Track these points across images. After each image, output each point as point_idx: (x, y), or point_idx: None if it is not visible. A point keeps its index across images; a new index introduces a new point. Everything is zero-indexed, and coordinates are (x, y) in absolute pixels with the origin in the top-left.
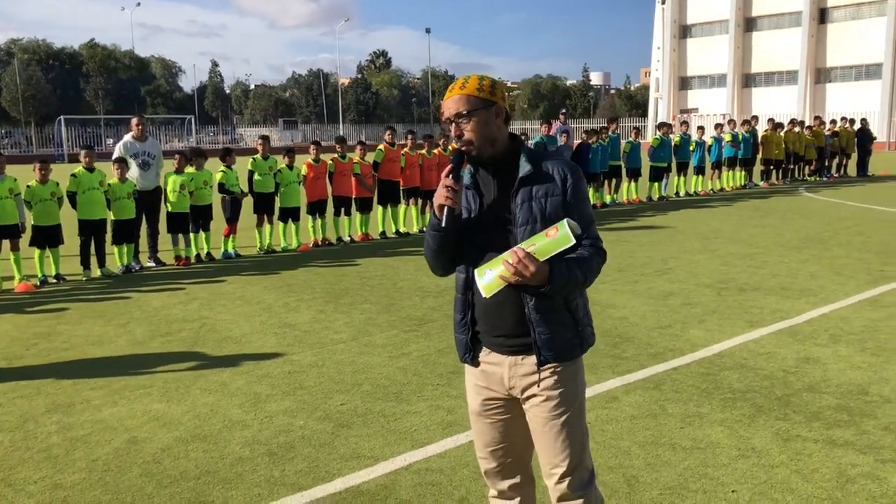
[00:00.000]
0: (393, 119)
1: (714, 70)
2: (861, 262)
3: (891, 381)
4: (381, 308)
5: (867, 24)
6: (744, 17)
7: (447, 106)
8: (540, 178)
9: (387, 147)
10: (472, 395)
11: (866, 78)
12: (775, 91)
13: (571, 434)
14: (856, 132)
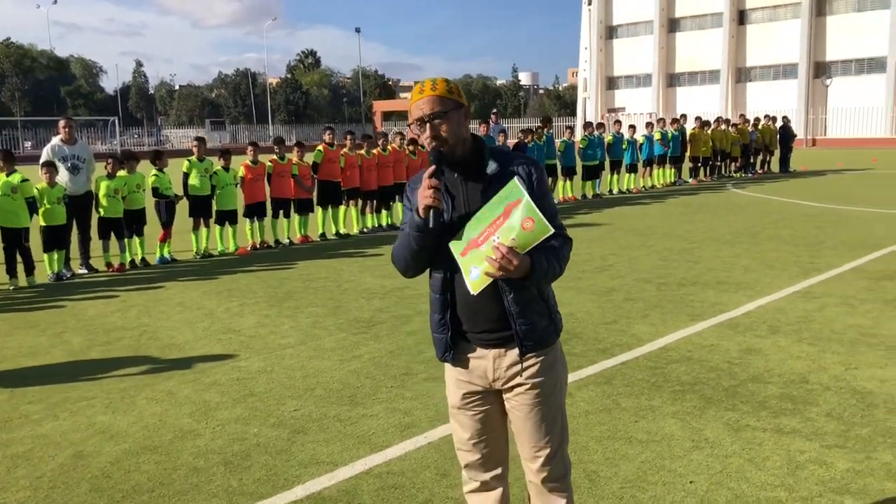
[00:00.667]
0: (324, 119)
1: (640, 70)
2: (791, 255)
3: (829, 370)
4: (328, 311)
5: (783, 26)
6: (667, 17)
7: (421, 107)
8: (507, 176)
9: (326, 148)
10: (453, 389)
11: (784, 77)
12: (699, 90)
13: (554, 419)
14: (778, 130)
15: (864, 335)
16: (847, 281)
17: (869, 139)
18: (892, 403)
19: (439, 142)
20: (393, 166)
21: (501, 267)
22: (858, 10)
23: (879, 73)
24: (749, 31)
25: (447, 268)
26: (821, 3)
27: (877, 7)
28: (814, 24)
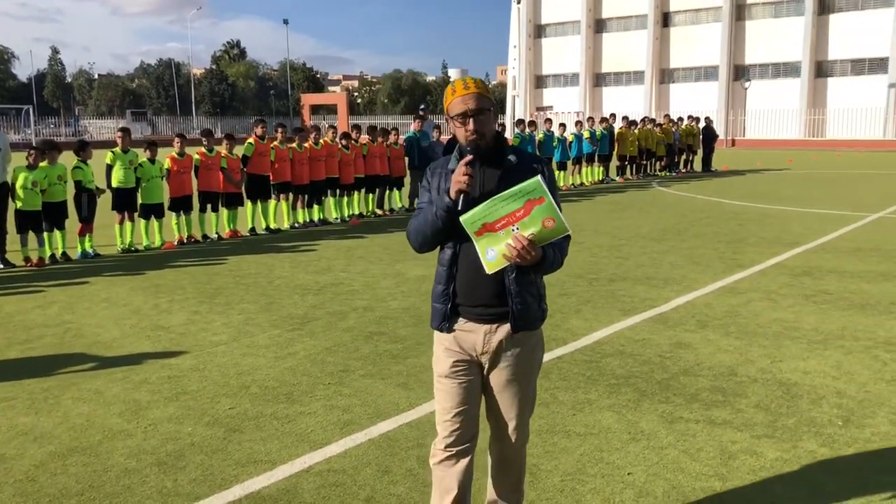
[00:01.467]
0: (250, 111)
1: (567, 69)
2: (715, 252)
3: (755, 363)
4: (260, 307)
5: (705, 29)
6: (594, 18)
7: (466, 102)
8: (522, 168)
9: (257, 140)
10: (443, 358)
11: (705, 79)
12: (624, 90)
13: (528, 394)
14: (701, 130)
15: (787, 329)
16: (769, 276)
17: (785, 140)
18: (814, 394)
19: (479, 135)
20: (325, 161)
21: (520, 255)
22: (775, 16)
23: (794, 77)
24: (672, 33)
25: (456, 244)
26: (740, 8)
27: (792, 14)
28: (734, 29)
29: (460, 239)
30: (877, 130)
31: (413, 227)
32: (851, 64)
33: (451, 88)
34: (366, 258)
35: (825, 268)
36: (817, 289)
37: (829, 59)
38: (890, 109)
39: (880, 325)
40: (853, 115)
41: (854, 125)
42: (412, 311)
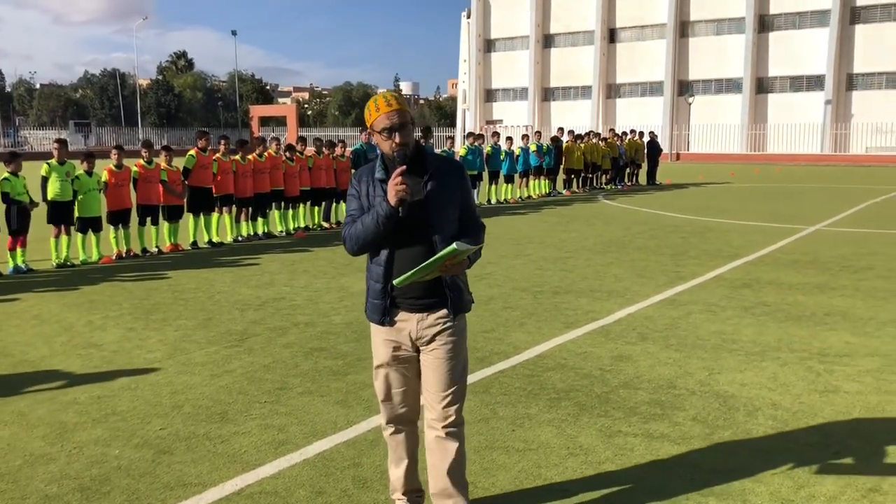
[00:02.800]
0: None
1: (517, 83)
2: (658, 264)
3: (694, 375)
4: (198, 323)
5: (650, 46)
6: (542, 33)
7: (391, 118)
8: (443, 173)
9: (198, 153)
10: (382, 349)
11: (651, 94)
12: (572, 104)
13: (459, 375)
14: (646, 144)
15: (725, 341)
16: (709, 289)
17: (727, 154)
18: (750, 406)
19: (404, 147)
20: (269, 173)
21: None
22: (717, 34)
23: (736, 93)
24: (619, 49)
25: (391, 247)
26: (684, 25)
27: (733, 31)
28: (678, 45)
29: (395, 240)
30: (814, 145)
31: (350, 233)
32: (790, 81)
33: (374, 105)
34: (310, 272)
35: (764, 280)
36: (756, 301)
37: (769, 76)
38: (827, 125)
39: (815, 336)
40: (792, 131)
41: (793, 140)
42: (355, 326)
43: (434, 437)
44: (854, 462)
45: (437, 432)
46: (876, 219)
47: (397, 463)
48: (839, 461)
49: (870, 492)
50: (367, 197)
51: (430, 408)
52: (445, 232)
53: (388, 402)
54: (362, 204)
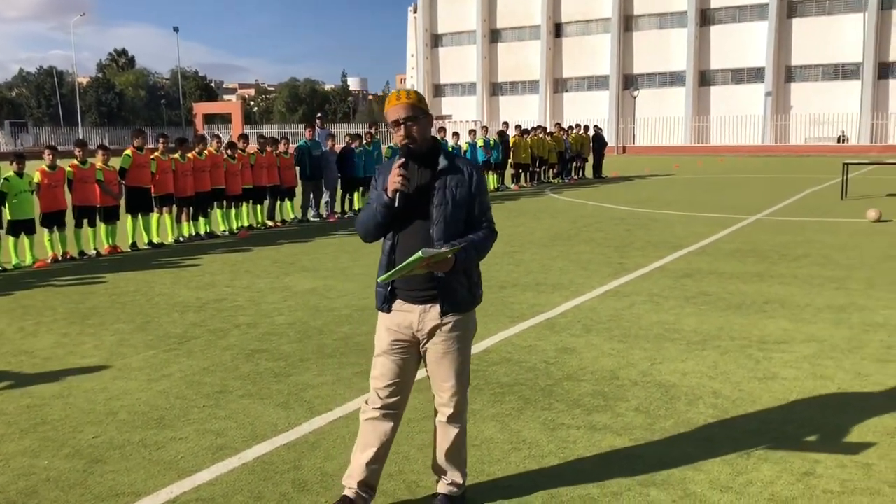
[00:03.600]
0: (140, 121)
1: (465, 78)
2: (603, 257)
3: (636, 365)
4: (136, 327)
5: (595, 40)
6: (489, 28)
7: (398, 111)
8: (453, 171)
9: (134, 152)
10: (384, 336)
11: (597, 88)
12: (520, 99)
13: (461, 365)
14: (591, 138)
15: (667, 331)
16: (652, 279)
17: (672, 147)
18: (691, 395)
19: (410, 140)
20: (210, 171)
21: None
22: (661, 28)
23: (680, 86)
24: (565, 43)
25: (395, 236)
26: (628, 19)
27: (676, 25)
28: (622, 39)
29: (399, 231)
30: (756, 136)
31: (360, 219)
32: (732, 73)
33: (388, 99)
34: (252, 272)
35: (705, 270)
36: (697, 290)
37: (711, 69)
38: (767, 116)
39: (755, 324)
40: (734, 122)
41: (735, 131)
42: (298, 327)
43: (439, 421)
44: (790, 447)
45: (441, 418)
46: (813, 207)
47: (363, 449)
48: (776, 447)
49: (805, 475)
50: (381, 188)
51: (437, 395)
52: (447, 229)
53: (378, 386)
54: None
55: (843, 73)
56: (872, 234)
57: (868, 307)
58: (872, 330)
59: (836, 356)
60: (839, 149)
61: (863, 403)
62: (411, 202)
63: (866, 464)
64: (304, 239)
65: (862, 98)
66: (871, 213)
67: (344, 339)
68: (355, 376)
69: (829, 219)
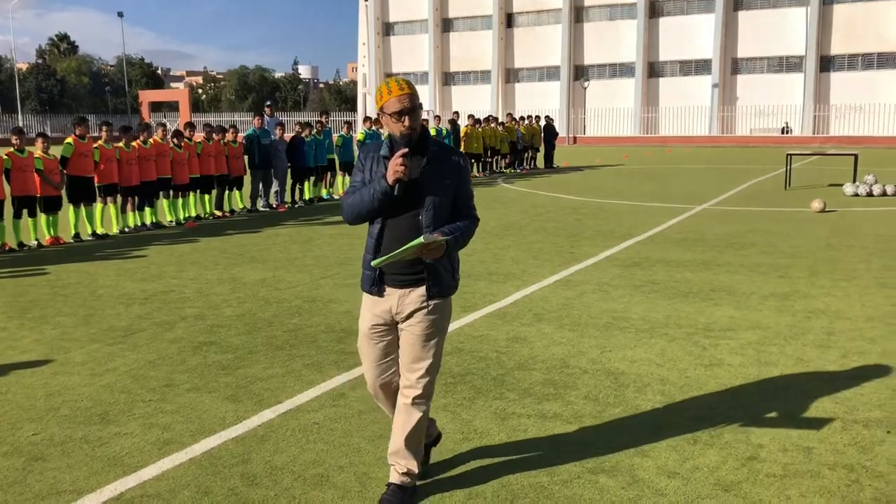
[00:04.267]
0: (84, 109)
1: (417, 67)
2: (554, 246)
3: (586, 354)
4: (79, 320)
5: (547, 31)
6: (441, 17)
7: (403, 101)
8: (442, 160)
9: (76, 140)
10: (366, 318)
11: (548, 79)
12: (472, 89)
13: (434, 348)
14: (542, 129)
15: (616, 319)
16: (602, 269)
17: (622, 137)
18: (639, 382)
19: (411, 130)
20: (156, 160)
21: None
22: (611, 19)
23: (629, 77)
24: (517, 33)
25: (384, 220)
26: (579, 10)
27: (626, 17)
28: (573, 30)
29: (388, 216)
30: (703, 127)
31: (348, 203)
32: (680, 65)
33: (385, 88)
34: (200, 263)
35: (654, 258)
36: (646, 279)
37: (660, 61)
38: (714, 107)
39: (701, 312)
40: (682, 113)
41: (684, 122)
42: (247, 318)
43: (402, 403)
44: (735, 432)
45: (405, 400)
46: (758, 197)
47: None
48: (722, 432)
49: (749, 460)
50: (370, 171)
51: (403, 377)
52: (435, 215)
53: (366, 369)
54: (365, 178)
55: (787, 66)
56: (815, 223)
57: (810, 294)
58: (814, 316)
59: (780, 343)
60: (783, 140)
61: (804, 388)
62: (407, 187)
63: (807, 447)
64: (253, 229)
65: (805, 90)
66: (815, 204)
67: (294, 330)
68: (305, 368)
69: (773, 208)
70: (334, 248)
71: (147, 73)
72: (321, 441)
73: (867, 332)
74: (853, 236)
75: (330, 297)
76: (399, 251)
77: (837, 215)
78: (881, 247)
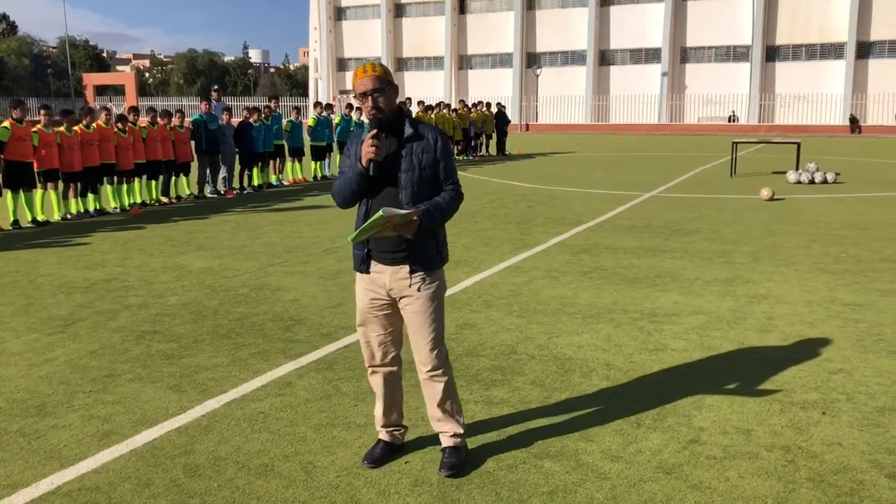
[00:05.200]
0: (24, 92)
1: (369, 53)
2: (505, 233)
3: (534, 340)
4: (17, 309)
5: (500, 17)
6: (394, 2)
7: (365, 84)
8: (418, 138)
9: (13, 124)
10: (361, 295)
11: (501, 66)
12: (425, 75)
13: (435, 320)
14: (494, 116)
15: (564, 305)
16: (551, 255)
17: (573, 125)
18: (585, 367)
19: (378, 111)
20: (99, 145)
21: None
22: (563, 7)
23: (581, 65)
24: (469, 20)
25: (369, 201)
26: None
27: (577, 4)
28: (525, 18)
29: (372, 197)
30: (653, 115)
31: (336, 187)
32: (630, 53)
33: (355, 72)
34: (145, 250)
35: (602, 245)
36: (594, 265)
37: (611, 49)
38: (664, 96)
39: (647, 297)
40: (633, 101)
41: (634, 110)
42: (192, 307)
43: (422, 379)
44: (678, 416)
45: (423, 375)
46: (704, 184)
47: (378, 400)
48: (665, 416)
49: (690, 443)
50: (354, 157)
51: (416, 354)
52: (415, 193)
53: (365, 345)
54: (351, 163)
55: (735, 56)
56: (758, 210)
57: (752, 280)
58: (756, 301)
59: (722, 327)
60: (729, 128)
61: (744, 372)
62: (381, 170)
63: (747, 430)
64: (200, 216)
65: (751, 80)
66: (765, 192)
67: (240, 319)
68: (252, 357)
69: (718, 195)
70: (283, 235)
71: (91, 56)
72: (266, 430)
73: (806, 316)
74: (794, 223)
75: (278, 285)
76: (366, 226)
77: (780, 202)
78: (821, 233)
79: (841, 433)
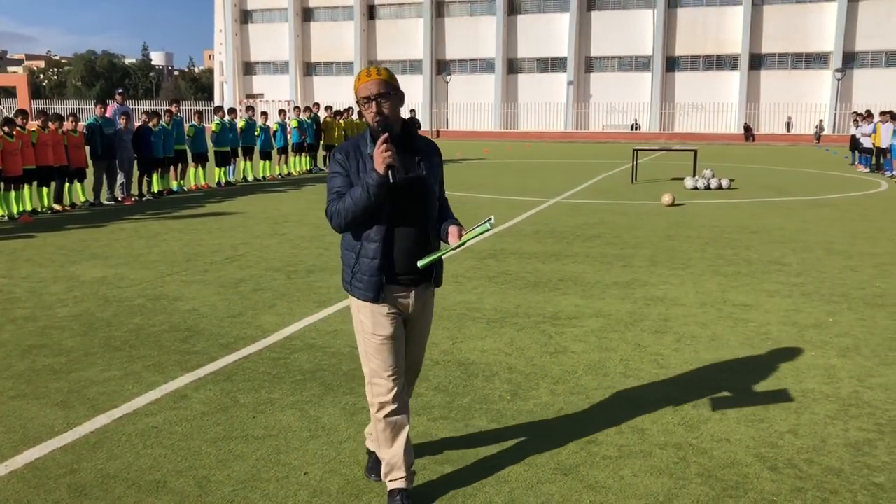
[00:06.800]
0: None
1: (277, 57)
2: None
3: (439, 345)
4: None
5: (410, 24)
6: (301, 7)
7: (369, 88)
8: (428, 150)
9: None
10: (385, 323)
11: (411, 72)
12: (335, 80)
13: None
14: None
15: (469, 310)
16: (458, 260)
17: (483, 132)
18: (488, 371)
19: (382, 117)
20: None
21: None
22: (471, 15)
23: (490, 73)
24: (378, 25)
25: (388, 222)
26: (440, 5)
27: (486, 13)
28: (435, 24)
29: (392, 216)
30: (560, 123)
31: (338, 208)
32: (537, 62)
33: (359, 75)
34: (34, 261)
35: (508, 250)
36: (499, 270)
37: (518, 57)
38: (569, 104)
39: (549, 301)
40: (540, 109)
41: (541, 118)
42: (84, 319)
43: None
44: (575, 417)
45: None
46: (607, 190)
47: (395, 437)
48: (564, 418)
49: (587, 444)
50: (357, 174)
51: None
52: (434, 210)
53: (388, 374)
54: (352, 181)
55: (637, 65)
56: (657, 216)
57: (650, 283)
58: (653, 304)
59: (620, 329)
60: (632, 135)
61: (640, 373)
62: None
63: (641, 429)
64: (95, 224)
65: (653, 89)
66: (666, 198)
67: (135, 330)
68: (146, 370)
69: (620, 201)
70: (183, 243)
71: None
72: (159, 445)
73: (700, 317)
74: (691, 227)
75: (175, 295)
76: (460, 243)
77: (678, 208)
78: (715, 236)
79: (729, 429)
